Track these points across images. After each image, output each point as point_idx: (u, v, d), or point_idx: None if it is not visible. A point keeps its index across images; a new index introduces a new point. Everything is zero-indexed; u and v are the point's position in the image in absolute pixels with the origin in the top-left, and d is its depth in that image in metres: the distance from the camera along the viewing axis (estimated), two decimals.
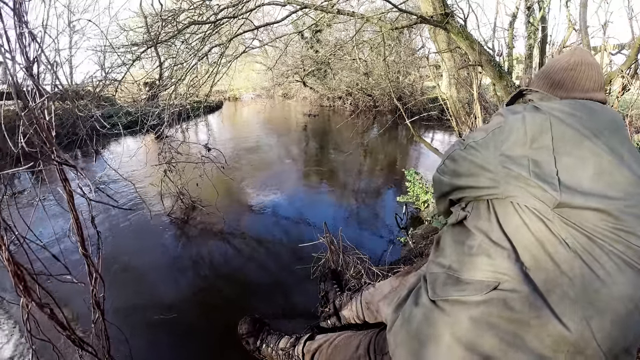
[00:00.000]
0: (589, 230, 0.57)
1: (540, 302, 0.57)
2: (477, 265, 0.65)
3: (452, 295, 0.65)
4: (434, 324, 0.66)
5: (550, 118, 0.64)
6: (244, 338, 1.31)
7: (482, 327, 0.61)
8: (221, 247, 2.16)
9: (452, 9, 2.04)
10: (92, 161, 4.52)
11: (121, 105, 5.67)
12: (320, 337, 1.17)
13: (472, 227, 0.69)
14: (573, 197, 0.58)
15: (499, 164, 0.65)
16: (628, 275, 0.56)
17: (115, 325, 1.08)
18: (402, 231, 2.34)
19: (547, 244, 0.59)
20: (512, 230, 0.63)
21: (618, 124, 0.68)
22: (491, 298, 0.61)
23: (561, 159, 0.61)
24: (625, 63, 1.98)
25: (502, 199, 0.65)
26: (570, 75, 0.75)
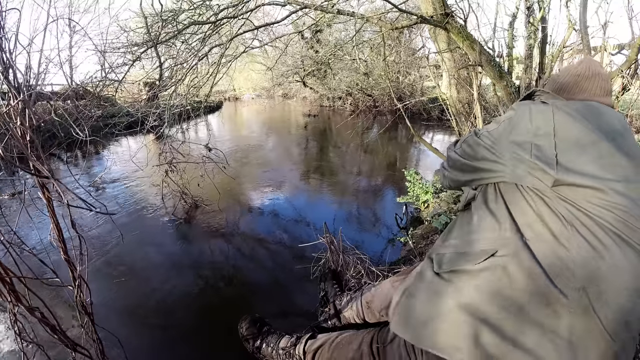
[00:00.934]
0: (585, 206, 0.62)
1: (539, 270, 0.61)
2: (480, 238, 0.71)
3: (456, 266, 0.71)
4: (438, 293, 0.71)
5: (554, 109, 0.71)
6: (244, 337, 1.30)
7: (484, 294, 0.64)
8: (221, 247, 2.16)
9: (452, 9, 2.04)
10: (92, 161, 4.53)
11: (121, 105, 5.68)
12: (322, 336, 1.17)
13: (481, 205, 0.76)
14: (569, 175, 0.63)
15: (507, 150, 0.72)
16: (625, 251, 0.59)
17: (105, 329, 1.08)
18: (402, 231, 2.34)
19: (546, 218, 0.64)
20: (515, 207, 0.69)
21: (621, 124, 0.72)
22: (491, 265, 0.65)
23: (561, 144, 0.66)
24: (625, 63, 1.98)
25: (508, 183, 0.72)
26: (576, 80, 0.83)
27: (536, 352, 0.59)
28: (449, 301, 0.68)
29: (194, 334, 1.44)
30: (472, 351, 0.62)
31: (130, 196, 3.06)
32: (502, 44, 2.56)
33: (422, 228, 2.26)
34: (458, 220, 0.83)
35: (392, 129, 6.47)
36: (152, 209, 2.75)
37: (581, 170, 0.63)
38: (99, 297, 1.67)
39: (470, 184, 0.84)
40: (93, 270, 1.91)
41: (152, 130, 2.70)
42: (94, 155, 4.89)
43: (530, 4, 2.56)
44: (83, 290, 0.87)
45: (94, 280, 1.82)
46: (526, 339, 0.59)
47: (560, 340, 0.58)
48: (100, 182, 3.42)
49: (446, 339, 0.65)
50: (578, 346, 0.58)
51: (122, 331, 1.44)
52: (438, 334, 0.67)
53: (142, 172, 3.53)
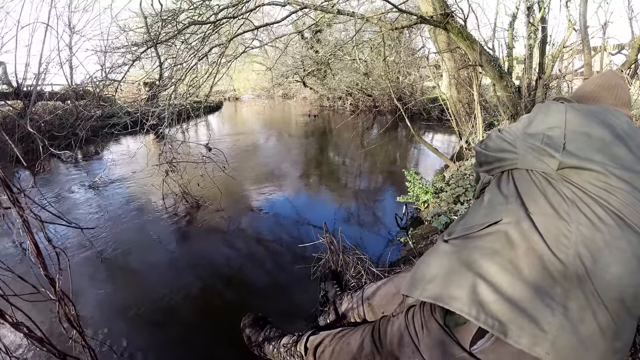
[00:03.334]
0: (587, 187, 0.67)
1: (537, 236, 0.65)
2: (487, 213, 0.78)
3: (461, 233, 0.78)
4: (445, 254, 0.77)
5: (567, 107, 0.79)
6: (246, 335, 1.30)
7: (484, 253, 0.69)
8: (221, 247, 2.16)
9: (452, 9, 2.04)
10: (92, 161, 4.53)
11: (121, 105, 5.68)
12: (323, 333, 1.17)
13: (493, 187, 0.84)
14: (573, 158, 0.70)
15: (521, 140, 0.81)
16: (623, 229, 0.62)
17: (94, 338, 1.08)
18: (402, 231, 2.34)
19: (550, 196, 0.69)
20: (523, 187, 0.75)
21: (630, 127, 0.76)
22: (494, 230, 0.71)
23: (570, 135, 0.73)
24: (625, 63, 1.98)
25: (520, 169, 0.79)
26: (597, 90, 0.91)
27: (530, 310, 0.61)
28: (452, 259, 0.74)
29: (195, 333, 1.44)
30: (469, 300, 0.66)
31: (130, 196, 3.06)
32: (502, 44, 2.56)
33: (422, 228, 2.26)
34: (472, 206, 0.90)
35: (392, 129, 6.47)
36: (152, 209, 2.75)
37: (585, 155, 0.69)
38: (99, 298, 1.67)
39: (489, 173, 0.92)
40: (93, 270, 1.91)
41: (151, 130, 2.70)
42: (93, 155, 4.89)
43: (530, 4, 2.56)
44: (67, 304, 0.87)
45: (94, 280, 1.82)
46: (521, 298, 0.62)
47: (555, 304, 0.60)
48: (100, 182, 3.42)
49: (446, 290, 0.70)
50: (573, 312, 0.59)
51: (123, 331, 1.45)
52: (440, 287, 0.72)
53: (142, 172, 3.53)
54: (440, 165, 3.93)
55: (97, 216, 2.63)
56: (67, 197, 3.06)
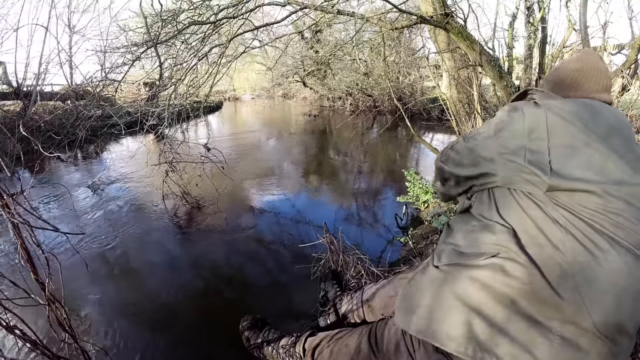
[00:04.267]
0: (578, 210, 0.62)
1: (535, 271, 0.62)
2: (480, 240, 0.71)
3: (454, 261, 0.72)
4: (437, 284, 0.73)
5: (547, 112, 0.69)
6: (245, 336, 1.30)
7: (477, 284, 0.66)
8: (221, 247, 2.16)
9: (452, 9, 2.04)
10: (92, 161, 4.52)
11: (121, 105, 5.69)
12: (322, 334, 1.17)
13: (476, 214, 0.76)
14: (562, 180, 0.63)
15: (499, 155, 0.71)
16: (620, 253, 0.59)
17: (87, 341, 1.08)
18: (402, 231, 2.34)
19: (541, 223, 0.64)
20: (509, 212, 0.69)
21: (620, 122, 0.70)
22: (490, 263, 0.66)
23: (554, 150, 0.65)
24: (625, 63, 1.98)
25: (501, 187, 0.72)
26: (575, 75, 0.79)
27: (528, 345, 0.59)
28: (446, 292, 0.70)
29: (195, 334, 1.43)
30: (465, 339, 0.64)
31: (130, 196, 3.06)
32: (502, 44, 2.56)
33: (422, 228, 2.26)
34: (459, 220, 0.82)
35: (392, 129, 6.47)
36: (152, 209, 2.75)
37: (575, 175, 0.63)
38: (98, 298, 1.67)
39: (465, 194, 0.83)
40: (92, 270, 1.91)
41: (151, 130, 2.70)
42: (93, 155, 4.89)
43: (530, 4, 2.56)
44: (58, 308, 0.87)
45: (93, 280, 1.82)
46: (518, 332, 0.60)
47: (553, 335, 0.59)
48: (100, 182, 3.42)
49: (440, 328, 0.67)
50: (570, 342, 0.58)
51: (121, 332, 1.45)
52: (433, 323, 0.69)
53: (142, 172, 3.53)
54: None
55: (96, 216, 2.63)
56: (66, 198, 3.06)
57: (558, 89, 0.81)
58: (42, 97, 5.91)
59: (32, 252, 0.84)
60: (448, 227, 0.85)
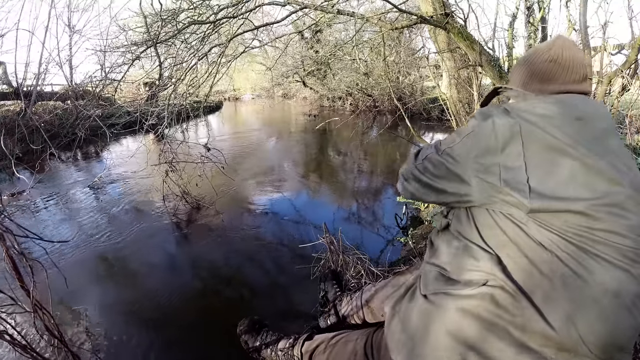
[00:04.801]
0: (563, 232, 0.57)
1: (525, 301, 0.59)
2: (465, 266, 0.67)
3: (442, 289, 0.68)
4: (424, 316, 0.69)
5: (520, 122, 0.63)
6: (243, 339, 1.30)
7: (468, 317, 0.63)
8: (221, 248, 2.16)
9: (452, 9, 2.04)
10: (92, 161, 4.52)
11: (121, 105, 5.68)
12: (319, 337, 1.17)
13: (456, 233, 0.71)
14: (544, 202, 0.58)
15: (472, 173, 0.66)
16: (610, 272, 0.56)
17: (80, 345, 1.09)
18: (402, 231, 2.34)
19: (524, 247, 0.60)
20: (490, 235, 0.64)
21: (600, 117, 0.65)
22: (479, 292, 0.63)
23: (532, 164, 0.60)
24: (625, 63, 1.98)
25: (479, 207, 0.66)
26: (549, 67, 0.71)
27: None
28: (436, 326, 0.66)
29: (193, 335, 1.43)
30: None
31: (130, 196, 3.06)
32: (502, 44, 2.57)
33: (422, 228, 2.26)
34: (441, 237, 0.78)
35: (392, 128, 6.47)
36: (151, 209, 2.75)
37: (557, 193, 0.58)
38: (98, 298, 1.67)
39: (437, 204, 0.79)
40: (92, 270, 1.91)
41: (151, 130, 2.70)
42: (93, 155, 4.89)
43: (530, 4, 2.56)
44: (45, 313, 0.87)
45: (93, 280, 1.81)
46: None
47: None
48: (100, 183, 3.42)
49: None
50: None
51: (120, 332, 1.44)
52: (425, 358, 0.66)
53: (142, 172, 3.53)
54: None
55: (96, 216, 2.63)
56: (66, 198, 3.05)
57: (531, 82, 0.74)
58: (42, 97, 5.91)
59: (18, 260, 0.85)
60: (431, 244, 0.82)
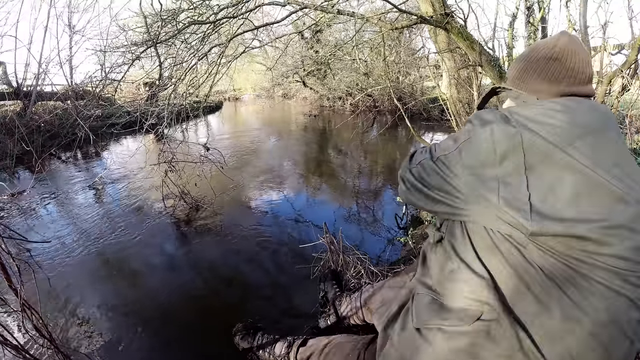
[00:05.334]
0: (565, 257, 0.53)
1: (523, 334, 0.55)
2: (458, 291, 0.63)
3: (435, 323, 0.65)
4: (418, 353, 0.66)
5: (521, 132, 0.57)
6: (239, 345, 1.31)
7: (464, 359, 0.60)
8: (220, 248, 2.16)
9: (452, 9, 2.04)
10: (92, 161, 4.52)
11: (121, 105, 5.69)
12: (312, 342, 1.17)
13: (450, 249, 0.67)
14: (547, 225, 0.53)
15: (468, 187, 0.60)
16: (612, 301, 0.53)
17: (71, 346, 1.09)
18: (402, 231, 2.34)
19: (523, 272, 0.56)
20: (486, 256, 0.60)
21: (606, 123, 0.60)
22: (474, 330, 0.59)
23: (534, 180, 0.55)
24: (625, 63, 1.98)
25: (475, 223, 0.61)
26: (551, 67, 0.65)
27: None
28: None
29: (193, 336, 1.43)
30: None
31: (130, 196, 3.06)
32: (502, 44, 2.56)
33: (422, 228, 2.26)
34: (433, 254, 0.74)
35: (392, 128, 6.46)
36: (151, 209, 2.75)
37: (559, 214, 0.53)
38: (96, 298, 1.67)
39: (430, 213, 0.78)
40: (91, 270, 1.91)
41: (151, 130, 2.70)
42: (93, 155, 4.89)
43: (530, 4, 2.56)
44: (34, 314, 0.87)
45: (91, 280, 1.81)
46: None
47: None
48: (100, 182, 3.42)
49: None
50: None
51: (118, 333, 1.44)
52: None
53: (141, 172, 3.53)
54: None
55: (95, 217, 2.63)
56: (66, 198, 3.06)
57: (531, 83, 0.68)
58: (42, 97, 5.91)
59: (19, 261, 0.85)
60: (423, 259, 0.79)
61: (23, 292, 0.86)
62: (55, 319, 1.51)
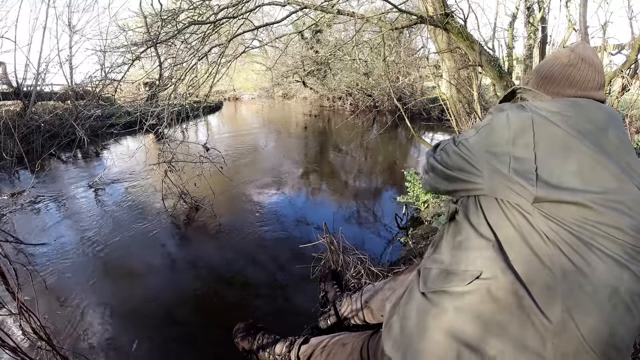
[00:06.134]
0: (568, 223, 0.58)
1: (523, 291, 0.59)
2: (464, 257, 0.68)
3: (441, 287, 0.69)
4: (422, 314, 0.70)
5: (533, 116, 0.65)
6: (239, 344, 1.30)
7: (466, 316, 0.63)
8: (220, 248, 2.16)
9: (452, 9, 2.04)
10: (92, 161, 4.52)
11: (121, 105, 5.68)
12: (315, 341, 1.17)
13: (462, 220, 0.72)
14: (550, 191, 0.59)
15: (484, 162, 0.68)
16: (611, 268, 0.56)
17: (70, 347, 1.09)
18: (402, 231, 2.34)
19: (528, 237, 0.61)
20: (496, 223, 0.65)
21: (612, 121, 0.66)
22: (475, 288, 0.63)
23: (542, 156, 0.62)
24: (625, 63, 1.98)
25: (488, 196, 0.68)
26: (567, 71, 0.73)
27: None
28: (433, 323, 0.67)
29: (193, 337, 1.43)
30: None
31: (129, 196, 3.06)
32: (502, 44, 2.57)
33: (422, 228, 2.26)
34: (445, 232, 0.79)
35: (392, 128, 6.47)
36: (151, 209, 2.75)
37: (563, 184, 0.59)
38: (96, 299, 1.67)
39: (450, 195, 0.81)
40: (90, 270, 1.91)
41: (151, 130, 2.70)
42: (93, 155, 4.89)
43: (530, 4, 2.56)
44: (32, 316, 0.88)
45: (91, 281, 1.81)
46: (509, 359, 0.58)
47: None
48: (99, 182, 3.42)
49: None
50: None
51: (118, 333, 1.44)
52: (422, 356, 0.66)
53: (141, 172, 3.53)
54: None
55: (95, 216, 2.63)
56: (66, 198, 3.06)
57: (548, 85, 0.76)
58: (42, 97, 5.90)
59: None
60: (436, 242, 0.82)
61: (21, 294, 0.86)
62: (54, 320, 1.51)
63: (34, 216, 2.65)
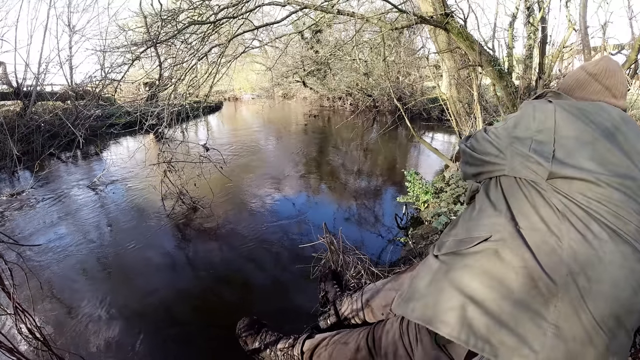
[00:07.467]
0: (578, 199, 0.63)
1: (529, 254, 0.63)
2: (477, 225, 0.74)
3: (452, 250, 0.75)
4: (435, 273, 0.75)
5: (556, 107, 0.73)
6: (242, 339, 1.30)
7: (473, 273, 0.67)
8: (220, 248, 2.16)
9: (452, 9, 2.04)
10: (92, 161, 4.52)
11: (121, 105, 5.68)
12: (319, 336, 1.17)
13: (482, 196, 0.79)
14: (563, 167, 0.65)
15: (509, 145, 0.75)
16: (617, 243, 0.60)
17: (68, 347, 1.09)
18: (402, 231, 2.34)
19: (540, 209, 0.66)
20: (512, 198, 0.72)
21: (628, 123, 0.72)
22: (484, 249, 0.68)
23: (560, 140, 0.69)
24: (625, 63, 1.98)
25: (508, 177, 0.75)
26: (591, 80, 0.82)
27: (521, 331, 0.59)
28: (442, 280, 0.72)
29: (193, 336, 1.43)
30: (458, 324, 0.65)
31: (129, 196, 3.05)
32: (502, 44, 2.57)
33: (422, 228, 2.26)
34: (462, 214, 0.85)
35: (392, 128, 6.47)
36: (150, 209, 2.74)
37: (576, 164, 0.65)
38: (95, 299, 1.67)
39: (477, 178, 0.87)
40: (89, 270, 1.91)
41: (150, 130, 2.70)
42: (93, 155, 4.89)
43: (530, 4, 2.56)
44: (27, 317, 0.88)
45: (89, 281, 1.81)
46: (511, 318, 0.61)
47: (547, 324, 0.59)
48: (99, 182, 3.42)
49: (435, 312, 0.69)
50: (565, 332, 0.58)
51: (117, 333, 1.44)
52: (430, 309, 0.70)
53: (141, 172, 3.53)
54: (440, 165, 3.93)
55: (95, 216, 2.63)
56: (65, 197, 3.05)
57: (573, 90, 0.85)
58: (42, 97, 5.90)
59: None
60: (453, 222, 0.88)
61: (16, 294, 0.86)
62: (52, 320, 1.51)
63: (33, 216, 2.65)
